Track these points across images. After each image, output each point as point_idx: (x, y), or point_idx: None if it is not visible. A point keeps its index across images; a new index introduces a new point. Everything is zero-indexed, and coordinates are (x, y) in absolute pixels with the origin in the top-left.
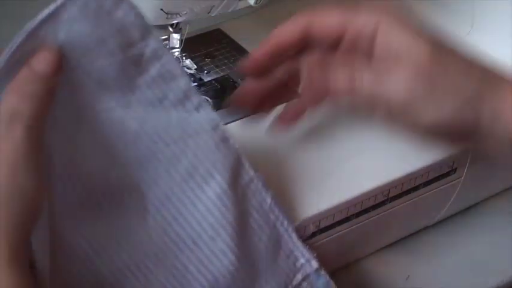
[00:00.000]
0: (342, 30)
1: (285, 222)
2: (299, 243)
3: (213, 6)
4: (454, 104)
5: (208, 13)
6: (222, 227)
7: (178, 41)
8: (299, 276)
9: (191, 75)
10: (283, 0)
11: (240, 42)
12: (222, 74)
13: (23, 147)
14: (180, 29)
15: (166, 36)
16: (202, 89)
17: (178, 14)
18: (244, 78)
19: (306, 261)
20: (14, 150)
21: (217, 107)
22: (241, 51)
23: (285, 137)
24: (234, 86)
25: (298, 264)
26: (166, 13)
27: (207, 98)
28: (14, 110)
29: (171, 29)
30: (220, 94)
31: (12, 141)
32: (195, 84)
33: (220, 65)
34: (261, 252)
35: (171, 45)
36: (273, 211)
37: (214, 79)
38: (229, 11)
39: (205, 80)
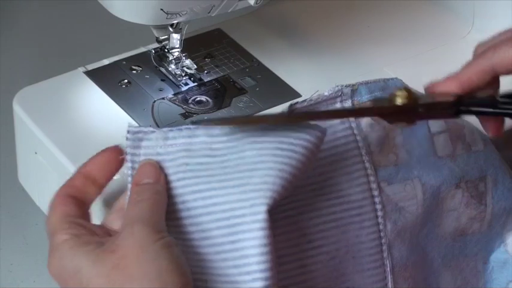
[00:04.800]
0: None
1: None
2: None
3: (213, 6)
4: None
5: (208, 13)
6: None
7: (178, 41)
8: None
9: (191, 75)
10: (283, 0)
11: (240, 42)
12: (222, 74)
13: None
14: (180, 29)
15: (166, 36)
16: (203, 89)
17: (178, 14)
18: (243, 78)
19: None
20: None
21: (217, 107)
22: (241, 51)
23: None
24: (234, 86)
25: None
26: (166, 13)
27: (207, 97)
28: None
29: (171, 29)
30: (220, 94)
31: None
32: (195, 84)
33: (220, 65)
34: None
35: (171, 45)
36: None
37: (214, 79)
38: (229, 11)
39: (205, 80)
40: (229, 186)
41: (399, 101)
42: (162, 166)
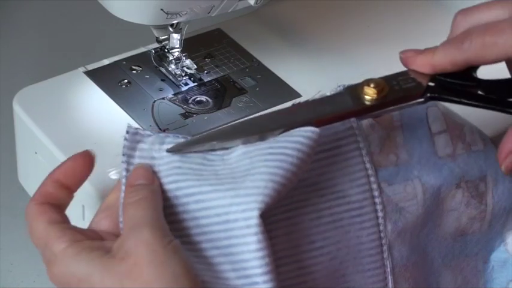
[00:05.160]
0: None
1: None
2: None
3: (213, 6)
4: None
5: (208, 13)
6: None
7: (178, 41)
8: None
9: (191, 75)
10: (283, 0)
11: (240, 42)
12: (222, 74)
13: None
14: (180, 29)
15: (166, 36)
16: (203, 89)
17: (178, 14)
18: (243, 78)
19: None
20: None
21: (217, 107)
22: (241, 51)
23: None
24: (234, 86)
25: None
26: (166, 13)
27: (207, 97)
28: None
29: (171, 29)
30: (220, 94)
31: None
32: (195, 84)
33: (220, 65)
34: None
35: (171, 45)
36: None
37: (214, 79)
38: (229, 11)
39: (205, 80)
40: (221, 190)
41: (368, 98)
42: (156, 170)
